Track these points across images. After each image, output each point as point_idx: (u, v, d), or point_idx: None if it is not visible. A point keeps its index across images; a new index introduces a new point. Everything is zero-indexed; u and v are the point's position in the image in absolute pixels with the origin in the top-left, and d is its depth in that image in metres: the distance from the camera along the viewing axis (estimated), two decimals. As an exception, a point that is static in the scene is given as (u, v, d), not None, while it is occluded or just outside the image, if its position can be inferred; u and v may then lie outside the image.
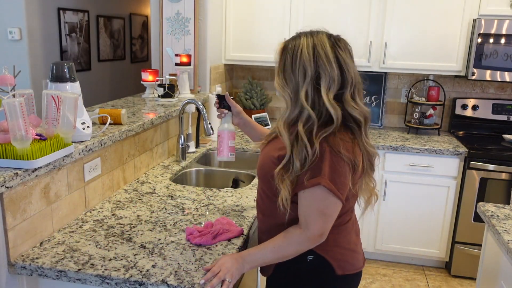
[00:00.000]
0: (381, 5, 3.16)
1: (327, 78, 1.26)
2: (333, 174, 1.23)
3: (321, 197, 1.26)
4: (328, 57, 1.27)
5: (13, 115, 1.27)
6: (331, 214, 1.29)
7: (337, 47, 1.30)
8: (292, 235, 1.30)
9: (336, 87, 1.27)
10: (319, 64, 1.27)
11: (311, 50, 1.28)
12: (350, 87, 1.29)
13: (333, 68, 1.26)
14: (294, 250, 1.31)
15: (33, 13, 3.67)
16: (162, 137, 2.38)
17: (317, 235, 1.29)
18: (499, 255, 1.67)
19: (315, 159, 1.24)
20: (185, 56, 2.83)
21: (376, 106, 3.60)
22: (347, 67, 1.29)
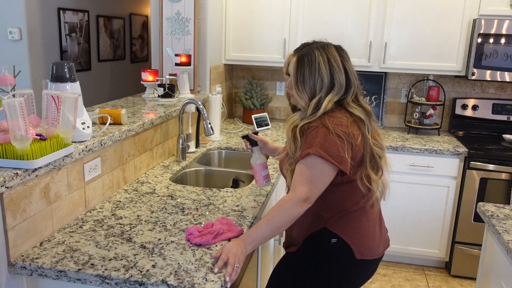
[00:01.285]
0: (381, 5, 3.16)
1: (338, 86, 1.49)
2: (325, 144, 1.38)
3: (308, 164, 1.40)
4: (340, 68, 1.50)
5: (13, 115, 1.27)
6: (317, 181, 1.40)
7: (343, 58, 1.53)
8: (281, 202, 1.40)
9: (342, 93, 1.49)
10: (334, 76, 1.49)
11: (327, 64, 1.49)
12: (353, 91, 1.51)
13: (342, 77, 1.50)
14: (286, 217, 1.39)
15: (33, 13, 3.67)
16: (162, 137, 2.38)
17: (302, 199, 1.38)
18: (499, 255, 1.67)
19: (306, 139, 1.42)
20: (185, 56, 2.83)
21: (376, 106, 3.60)
22: (353, 75, 1.52)
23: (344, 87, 1.49)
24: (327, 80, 1.48)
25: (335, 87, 1.48)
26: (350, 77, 1.51)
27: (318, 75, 1.48)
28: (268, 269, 2.30)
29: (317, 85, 1.49)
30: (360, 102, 1.52)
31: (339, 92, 1.49)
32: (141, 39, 5.75)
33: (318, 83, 1.49)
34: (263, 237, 1.40)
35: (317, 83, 1.49)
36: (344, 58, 1.53)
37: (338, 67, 1.49)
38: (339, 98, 1.49)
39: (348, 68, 1.52)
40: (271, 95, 3.77)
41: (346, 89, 1.50)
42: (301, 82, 1.50)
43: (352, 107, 1.49)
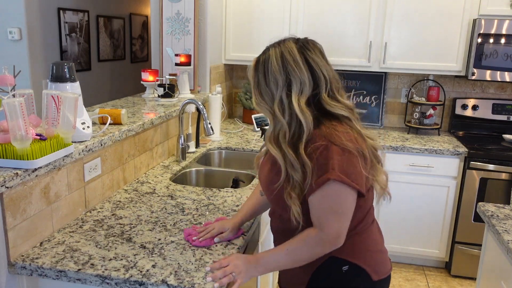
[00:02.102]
0: (381, 5, 3.16)
1: (298, 83, 1.24)
2: (343, 166, 1.18)
3: (332, 193, 1.19)
4: (297, 61, 1.26)
5: (13, 115, 1.27)
6: (346, 211, 1.22)
7: (305, 49, 1.28)
8: (306, 237, 1.24)
9: (309, 90, 1.25)
10: (289, 71, 1.25)
11: (279, 59, 1.27)
12: (325, 86, 1.27)
13: (302, 71, 1.25)
14: (308, 253, 1.25)
15: (33, 13, 3.67)
16: (162, 137, 2.38)
17: (333, 237, 1.22)
18: (499, 255, 1.67)
19: (318, 162, 1.19)
20: (185, 56, 2.83)
21: (376, 106, 3.60)
22: (318, 67, 1.27)
23: (308, 83, 1.24)
24: (282, 78, 1.25)
25: (294, 84, 1.24)
26: (315, 70, 1.26)
27: (271, 74, 1.27)
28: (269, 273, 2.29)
29: (272, 86, 1.27)
30: (337, 98, 1.29)
31: (304, 90, 1.24)
32: (141, 39, 5.75)
33: (273, 84, 1.27)
34: (277, 265, 1.29)
35: (271, 83, 1.27)
36: (306, 50, 1.28)
37: (294, 60, 1.25)
38: (308, 96, 1.25)
39: (312, 60, 1.27)
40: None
41: (315, 85, 1.26)
42: (257, 88, 1.31)
43: (331, 106, 1.26)
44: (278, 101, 1.26)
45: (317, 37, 2.66)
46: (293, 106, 1.23)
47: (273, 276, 2.40)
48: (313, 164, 1.20)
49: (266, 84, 1.29)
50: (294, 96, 1.24)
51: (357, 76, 3.58)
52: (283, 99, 1.26)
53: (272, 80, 1.27)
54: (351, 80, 3.61)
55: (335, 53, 3.28)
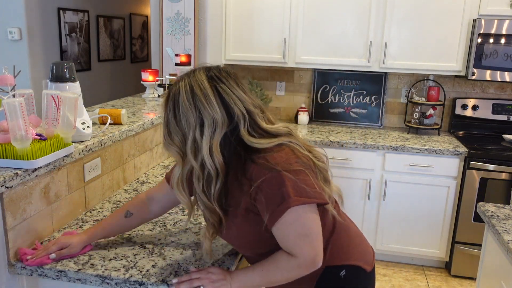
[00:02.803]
0: (381, 5, 3.16)
1: (210, 121, 1.12)
2: (296, 188, 1.10)
3: (294, 219, 1.11)
4: (208, 97, 1.13)
5: (13, 115, 1.27)
6: (313, 230, 1.15)
7: (216, 81, 1.15)
8: (281, 261, 1.17)
9: (225, 127, 1.13)
10: (199, 108, 1.13)
11: (189, 95, 1.14)
12: (244, 120, 1.14)
13: (214, 107, 1.12)
14: (284, 276, 1.18)
15: (33, 13, 3.67)
16: (162, 137, 2.38)
17: (310, 261, 1.15)
18: (499, 255, 1.67)
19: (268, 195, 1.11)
20: (185, 56, 2.83)
21: (376, 106, 3.60)
22: (233, 100, 1.14)
23: (221, 121, 1.12)
24: (193, 117, 1.13)
25: (205, 123, 1.12)
26: (228, 104, 1.13)
27: (182, 112, 1.14)
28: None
29: (184, 125, 1.15)
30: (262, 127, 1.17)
31: (216, 128, 1.13)
32: (141, 39, 5.76)
33: (184, 123, 1.15)
34: (252, 284, 1.21)
35: (182, 122, 1.15)
36: (218, 82, 1.15)
37: (204, 96, 1.13)
38: (224, 134, 1.14)
39: (225, 93, 1.14)
40: (271, 95, 3.77)
41: (230, 121, 1.14)
42: (166, 127, 1.19)
43: (252, 142, 1.14)
44: (191, 142, 1.14)
45: (317, 37, 2.72)
46: (202, 148, 1.13)
47: None
48: (264, 200, 1.12)
49: (176, 123, 1.16)
50: (206, 138, 1.12)
51: (357, 76, 3.58)
52: (196, 139, 1.14)
53: (182, 119, 1.15)
54: (351, 80, 3.61)
55: (335, 53, 3.28)
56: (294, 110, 3.76)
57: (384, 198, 3.12)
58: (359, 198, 3.16)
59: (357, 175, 3.12)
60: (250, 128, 1.16)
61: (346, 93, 3.64)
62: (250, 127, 1.16)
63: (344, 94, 3.64)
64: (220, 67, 1.21)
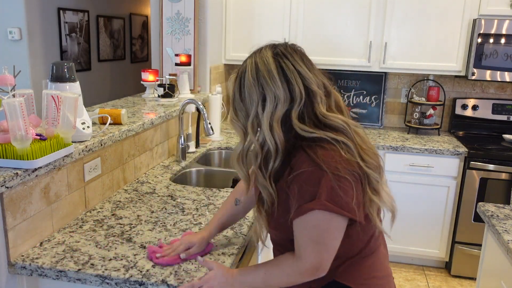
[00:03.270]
0: (381, 5, 3.16)
1: (271, 99, 1.11)
2: (332, 193, 1.05)
3: (315, 223, 1.08)
4: (271, 73, 1.11)
5: (13, 115, 1.27)
6: (329, 241, 1.10)
7: (281, 56, 1.13)
8: (283, 263, 1.16)
9: (285, 106, 1.11)
10: (262, 84, 1.12)
11: (254, 72, 1.14)
12: (300, 100, 1.11)
13: (277, 83, 1.10)
14: (284, 280, 1.16)
15: (33, 13, 3.67)
16: (162, 137, 2.38)
17: (311, 268, 1.11)
18: (499, 255, 1.67)
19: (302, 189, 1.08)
20: (185, 56, 2.83)
21: (376, 106, 3.60)
22: (294, 77, 1.11)
23: (283, 98, 1.10)
24: (256, 94, 1.12)
25: (268, 100, 1.11)
26: (290, 81, 1.11)
27: (246, 89, 1.15)
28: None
29: (247, 102, 1.14)
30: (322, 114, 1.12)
31: (278, 106, 1.10)
32: (141, 39, 5.76)
33: (248, 100, 1.14)
34: (254, 285, 1.20)
35: (246, 99, 1.15)
36: (282, 56, 1.13)
37: (268, 72, 1.11)
38: (284, 113, 1.11)
39: (288, 69, 1.12)
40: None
41: (291, 99, 1.11)
42: (232, 104, 1.20)
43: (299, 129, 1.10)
44: (252, 119, 1.14)
45: (317, 37, 2.71)
46: (263, 125, 1.11)
47: None
48: (296, 191, 1.09)
49: (241, 100, 1.17)
50: (266, 115, 1.11)
51: (357, 76, 3.58)
52: (258, 115, 1.13)
53: (246, 96, 1.15)
54: (351, 80, 3.61)
55: (335, 53, 3.28)
56: (294, 110, 3.76)
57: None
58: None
59: (357, 175, 3.11)
60: (305, 110, 1.12)
61: (346, 93, 3.64)
62: (305, 109, 1.12)
63: (344, 94, 3.64)
64: (288, 43, 1.19)
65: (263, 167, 1.15)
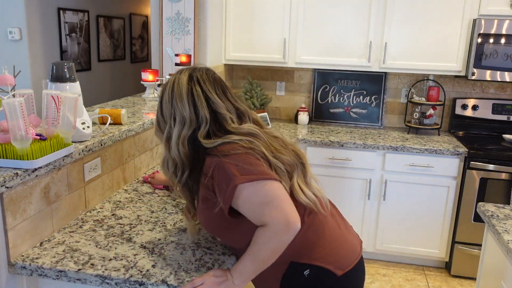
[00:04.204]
0: (381, 5, 3.16)
1: (179, 119, 1.26)
2: (242, 169, 1.17)
3: (249, 194, 1.17)
4: (182, 96, 1.26)
5: (13, 115, 1.27)
6: (275, 196, 1.16)
7: (194, 82, 1.27)
8: (257, 236, 1.20)
9: (193, 125, 1.26)
10: (174, 105, 1.27)
11: (170, 92, 1.28)
12: (206, 123, 1.25)
13: (184, 106, 1.25)
14: (268, 250, 1.19)
15: (33, 13, 3.67)
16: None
17: (282, 225, 1.14)
18: (499, 255, 1.67)
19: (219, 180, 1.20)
20: (185, 56, 2.83)
21: (376, 106, 3.60)
22: (201, 103, 1.26)
23: (189, 119, 1.25)
24: (168, 112, 1.28)
25: (177, 119, 1.26)
26: (197, 105, 1.25)
27: (163, 105, 1.30)
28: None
29: (165, 118, 1.30)
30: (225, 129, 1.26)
31: (184, 126, 1.25)
32: (141, 39, 5.76)
33: (165, 116, 1.30)
34: (248, 271, 1.23)
35: (164, 115, 1.31)
36: (194, 81, 1.27)
37: (179, 94, 1.26)
38: (192, 132, 1.26)
39: (197, 95, 1.26)
40: (271, 95, 3.77)
41: (197, 121, 1.26)
42: (156, 117, 1.35)
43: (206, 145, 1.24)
44: (166, 132, 1.30)
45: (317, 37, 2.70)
46: (171, 139, 1.27)
47: None
48: (217, 185, 1.20)
49: (161, 113, 1.32)
50: (176, 130, 1.26)
51: (357, 76, 3.58)
52: (170, 130, 1.29)
53: (164, 111, 1.30)
54: (351, 80, 3.61)
55: (335, 53, 3.28)
56: (294, 110, 3.76)
57: (384, 198, 3.12)
58: (359, 198, 3.16)
59: (357, 175, 3.12)
60: (213, 128, 1.26)
61: (346, 93, 3.64)
62: (214, 128, 1.27)
63: (344, 94, 3.64)
64: (206, 70, 1.32)
65: (176, 177, 1.32)
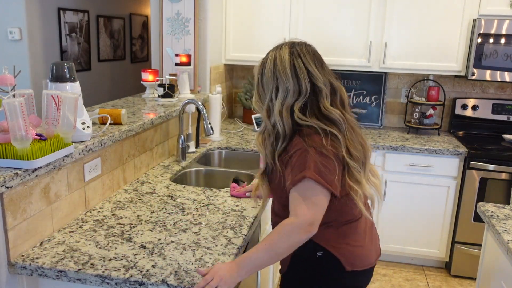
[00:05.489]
0: (381, 5, 3.16)
1: (282, 89, 1.35)
2: (318, 167, 1.27)
3: (307, 187, 1.28)
4: (285, 68, 1.35)
5: (13, 115, 1.27)
6: (318, 202, 1.28)
7: (296, 56, 1.36)
8: (282, 227, 1.29)
9: (293, 98, 1.35)
10: (277, 77, 1.36)
11: (272, 64, 1.37)
12: (304, 95, 1.34)
13: (288, 78, 1.34)
14: (286, 244, 1.27)
15: (33, 13, 3.67)
16: (162, 137, 2.38)
17: (307, 223, 1.26)
18: (499, 255, 1.67)
19: (296, 163, 1.30)
20: (185, 56, 2.83)
21: (376, 106, 3.60)
22: (303, 74, 1.34)
23: (292, 90, 1.33)
24: (272, 84, 1.36)
25: (280, 91, 1.35)
26: (299, 77, 1.33)
27: (264, 78, 1.39)
28: (268, 268, 2.30)
29: (265, 89, 1.39)
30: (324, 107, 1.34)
31: (287, 96, 1.34)
32: (141, 39, 5.76)
33: (266, 87, 1.38)
34: (259, 262, 1.28)
35: (264, 86, 1.39)
36: (295, 55, 1.36)
37: (282, 66, 1.34)
38: (293, 103, 1.34)
39: (299, 67, 1.34)
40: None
41: (299, 93, 1.34)
42: (256, 88, 1.43)
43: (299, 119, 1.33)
44: (267, 103, 1.38)
45: (317, 37, 2.68)
46: (275, 110, 1.35)
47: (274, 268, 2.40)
48: (291, 166, 1.31)
49: (262, 85, 1.41)
50: (277, 103, 1.35)
51: (357, 76, 3.58)
52: (272, 101, 1.37)
53: (265, 83, 1.39)
54: (351, 80, 3.61)
55: (335, 53, 3.28)
56: (294, 110, 3.76)
57: (384, 198, 3.12)
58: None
59: (357, 175, 3.11)
60: (308, 103, 1.35)
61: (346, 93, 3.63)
62: (309, 102, 1.35)
63: (344, 94, 3.63)
64: (305, 44, 1.41)
65: (274, 146, 1.38)
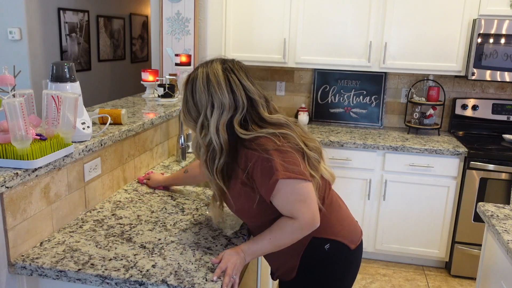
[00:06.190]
0: (381, 5, 3.16)
1: (218, 105, 1.34)
2: (284, 166, 1.28)
3: (288, 189, 1.30)
4: (219, 83, 1.34)
5: (13, 115, 1.27)
6: (308, 195, 1.31)
7: (228, 71, 1.37)
8: (285, 226, 1.34)
9: (229, 113, 1.34)
10: (211, 93, 1.34)
11: (205, 81, 1.36)
12: (241, 110, 1.35)
13: (224, 93, 1.34)
14: (289, 239, 1.35)
15: (33, 13, 3.67)
16: (162, 137, 2.38)
17: (309, 222, 1.32)
18: (499, 255, 1.67)
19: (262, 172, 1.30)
20: (185, 56, 2.83)
21: (376, 106, 3.60)
22: (239, 90, 1.35)
23: (228, 105, 1.33)
24: (205, 99, 1.35)
25: (216, 106, 1.33)
26: (235, 92, 1.34)
27: (197, 93, 1.36)
28: (268, 268, 2.29)
29: (198, 105, 1.37)
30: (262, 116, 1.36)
31: (224, 112, 1.33)
32: (141, 39, 5.75)
33: (198, 103, 1.37)
34: (263, 252, 1.39)
35: (197, 102, 1.37)
36: (229, 70, 1.37)
37: (217, 82, 1.34)
38: (229, 118, 1.34)
39: (234, 82, 1.35)
40: (271, 95, 3.76)
41: (235, 107, 1.34)
42: (184, 103, 1.42)
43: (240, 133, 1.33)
44: (202, 120, 1.37)
45: (317, 37, 2.67)
46: (210, 127, 1.34)
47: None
48: (259, 177, 1.31)
49: (193, 102, 1.39)
50: (214, 118, 1.34)
51: (357, 76, 3.59)
52: (207, 118, 1.35)
53: (197, 100, 1.37)
54: (351, 80, 3.61)
55: (335, 53, 3.28)
56: (294, 110, 3.76)
57: (384, 198, 3.12)
58: (359, 198, 3.16)
59: (357, 175, 3.12)
60: (248, 116, 1.36)
61: (346, 93, 3.64)
62: (248, 115, 1.36)
63: (344, 94, 3.64)
64: (235, 60, 1.45)
65: (209, 163, 1.38)
